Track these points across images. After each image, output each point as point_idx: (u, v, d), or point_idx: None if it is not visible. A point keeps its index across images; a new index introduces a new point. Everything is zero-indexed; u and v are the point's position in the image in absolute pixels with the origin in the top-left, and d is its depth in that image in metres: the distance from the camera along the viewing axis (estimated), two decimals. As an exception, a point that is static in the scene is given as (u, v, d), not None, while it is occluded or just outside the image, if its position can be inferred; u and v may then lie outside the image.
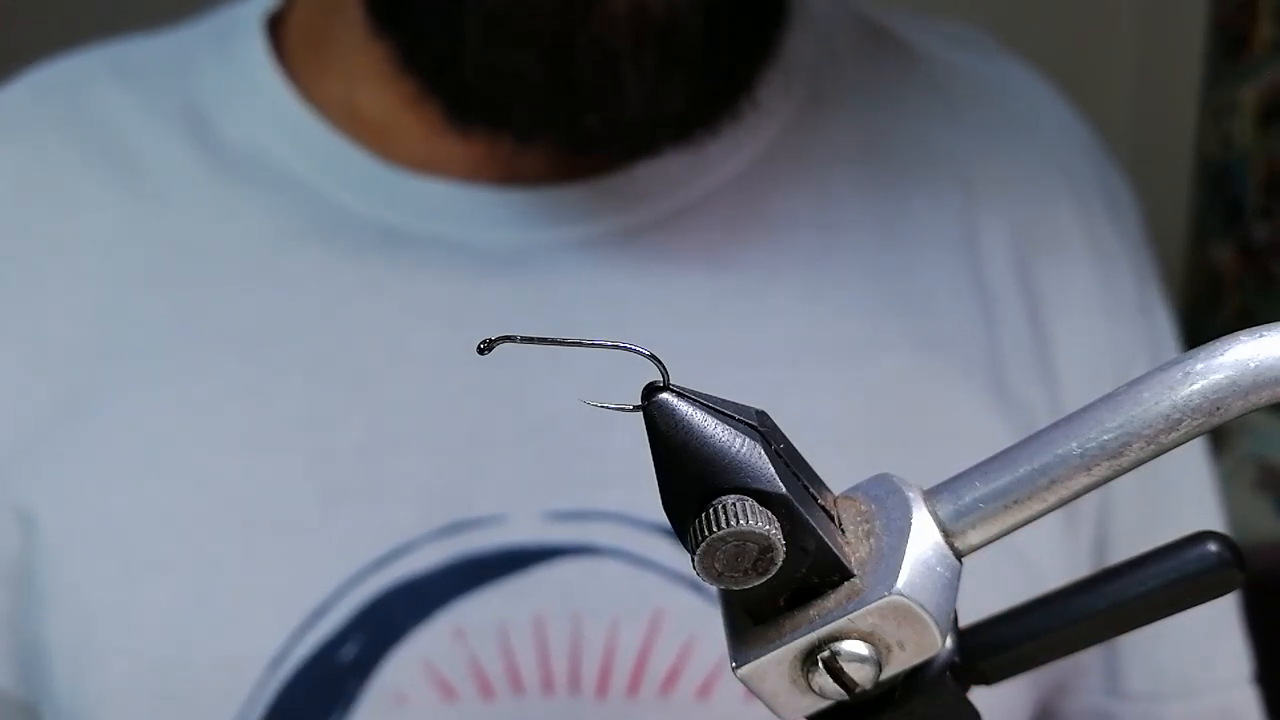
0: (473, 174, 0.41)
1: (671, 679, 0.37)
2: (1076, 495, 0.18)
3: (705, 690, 0.37)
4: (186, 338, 0.40)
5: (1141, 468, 0.18)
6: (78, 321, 0.41)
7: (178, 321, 0.40)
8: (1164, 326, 0.48)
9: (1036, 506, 0.18)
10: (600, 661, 0.37)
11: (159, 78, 0.44)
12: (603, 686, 0.37)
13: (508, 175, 0.41)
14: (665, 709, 0.37)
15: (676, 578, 0.38)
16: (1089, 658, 0.45)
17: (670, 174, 0.42)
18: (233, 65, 0.44)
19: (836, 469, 0.22)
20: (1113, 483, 0.18)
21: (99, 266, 0.41)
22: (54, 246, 0.42)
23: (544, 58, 0.36)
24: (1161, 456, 0.18)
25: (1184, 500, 0.47)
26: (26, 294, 0.41)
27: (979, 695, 0.20)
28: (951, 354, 0.43)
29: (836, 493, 0.20)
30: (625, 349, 0.17)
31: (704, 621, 0.38)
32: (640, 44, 0.36)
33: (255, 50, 0.44)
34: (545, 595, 0.37)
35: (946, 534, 0.18)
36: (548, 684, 0.37)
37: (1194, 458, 0.47)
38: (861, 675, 0.18)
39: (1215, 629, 0.46)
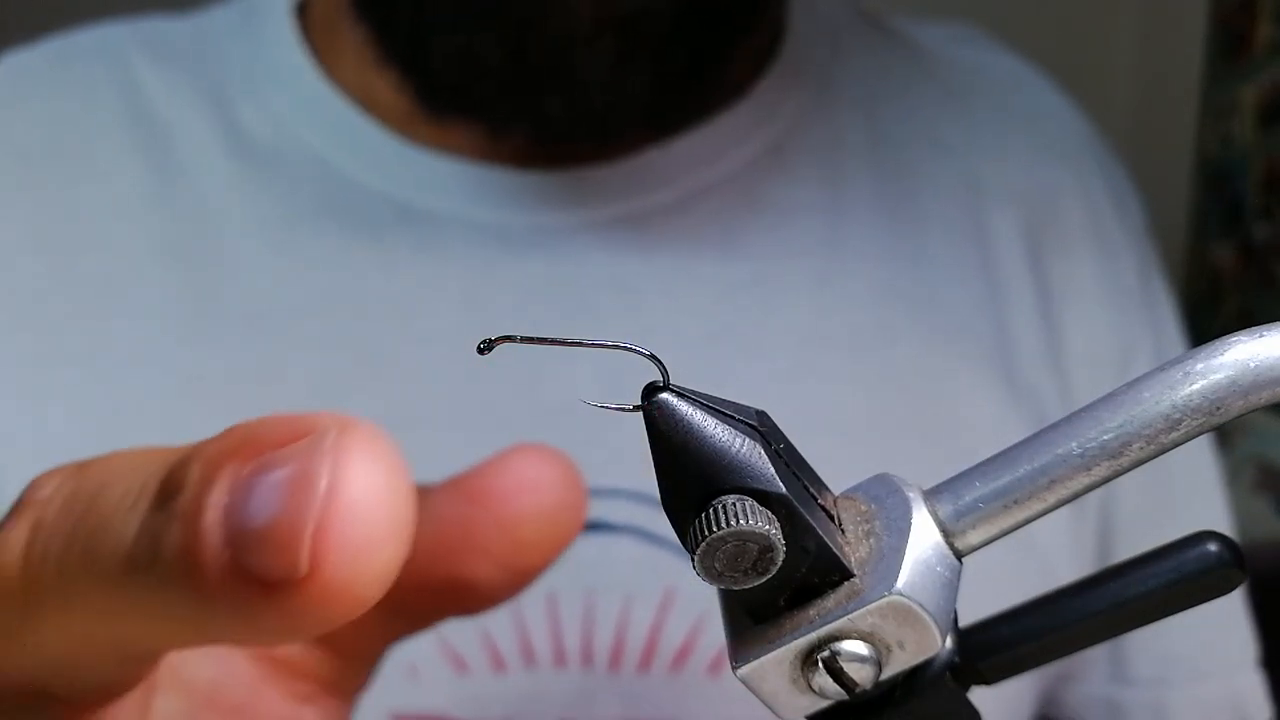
0: (489, 156, 0.42)
1: (683, 656, 0.38)
2: (1077, 495, 0.18)
3: (715, 667, 0.38)
4: (199, 309, 0.40)
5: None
6: (86, 284, 0.41)
7: (191, 293, 0.41)
8: (1168, 317, 0.49)
9: (1037, 506, 0.18)
10: (613, 637, 0.38)
11: (185, 54, 0.45)
12: (615, 661, 0.38)
13: (523, 158, 0.42)
14: (676, 685, 0.37)
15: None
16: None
17: (683, 159, 0.42)
18: (259, 44, 0.44)
19: (845, 458, 0.22)
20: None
21: (117, 233, 0.41)
22: (73, 208, 0.42)
23: (503, 42, 0.37)
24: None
25: (1188, 491, 0.47)
26: (35, 252, 0.41)
27: (980, 690, 0.20)
28: (961, 343, 0.43)
29: (837, 490, 0.20)
30: (625, 349, 0.17)
31: (715, 600, 0.38)
32: (600, 30, 0.36)
33: (282, 30, 0.44)
34: (558, 570, 0.38)
35: (946, 534, 0.18)
36: (559, 658, 0.37)
37: (1198, 449, 0.48)
38: (861, 675, 0.18)
39: (1221, 614, 0.47)
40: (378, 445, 0.14)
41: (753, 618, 0.19)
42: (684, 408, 0.17)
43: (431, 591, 0.24)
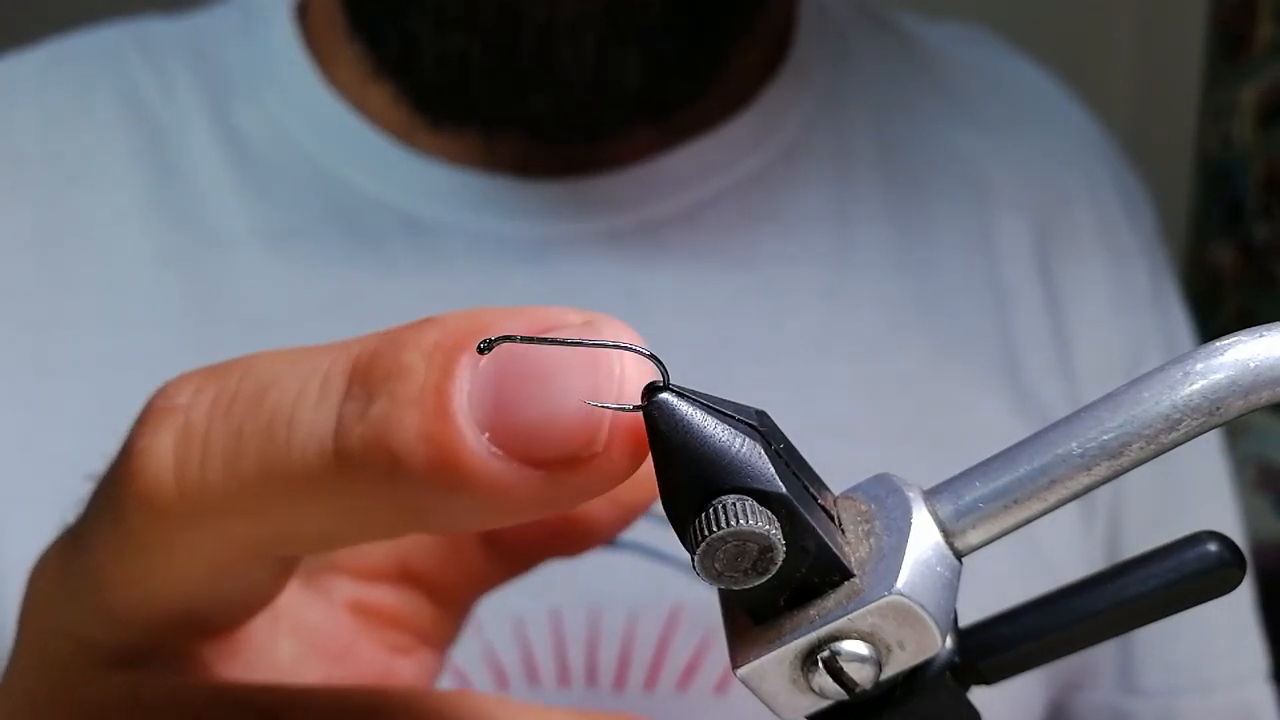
0: (492, 165, 0.42)
1: (689, 673, 0.38)
2: (1077, 495, 0.18)
3: (723, 685, 0.38)
4: (198, 317, 0.40)
5: (1154, 464, 0.18)
6: (83, 291, 0.41)
7: (190, 301, 0.40)
8: (1179, 322, 0.49)
9: (1037, 506, 0.18)
10: (618, 655, 0.37)
11: (183, 57, 0.45)
12: (620, 680, 0.37)
13: (527, 167, 0.42)
14: (683, 703, 0.37)
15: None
16: (1102, 654, 0.45)
17: (690, 169, 0.42)
18: (258, 47, 0.44)
19: (852, 466, 0.22)
20: (1126, 478, 0.18)
21: (115, 240, 0.41)
22: (71, 215, 0.42)
23: (486, 41, 0.37)
24: (1175, 453, 0.18)
25: (1197, 498, 0.47)
26: (33, 258, 0.41)
27: (985, 694, 0.20)
28: (968, 352, 0.43)
29: (838, 492, 0.20)
30: (625, 348, 0.17)
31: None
32: (581, 22, 0.36)
33: (282, 34, 0.44)
34: (563, 588, 0.38)
35: (946, 534, 0.18)
36: (563, 676, 0.37)
37: (1208, 453, 0.47)
38: (861, 675, 0.18)
39: (1231, 624, 0.47)
40: (634, 333, 0.16)
41: (753, 618, 0.19)
42: (684, 407, 0.17)
43: (542, 531, 0.24)
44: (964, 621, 0.20)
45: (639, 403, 0.17)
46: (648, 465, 0.23)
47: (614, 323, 0.16)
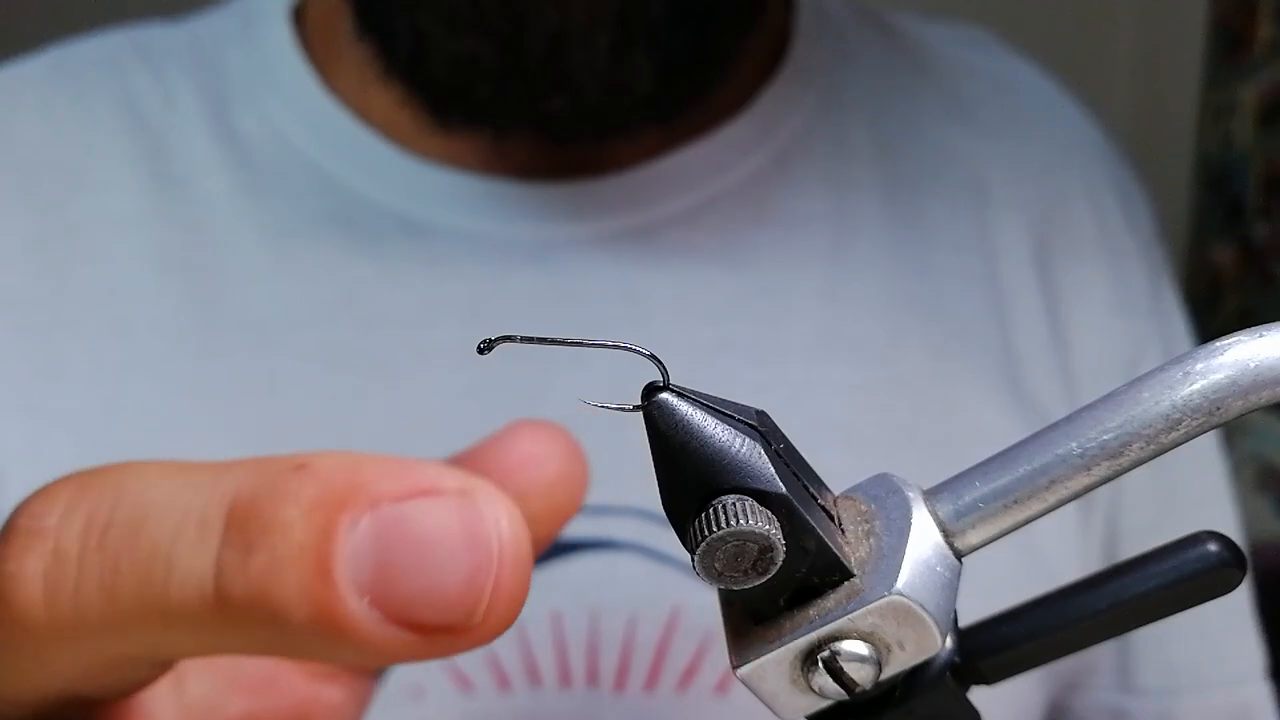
0: (492, 168, 0.42)
1: (689, 674, 0.38)
2: (1076, 495, 0.18)
3: (723, 686, 0.38)
4: (200, 322, 0.40)
5: (1152, 466, 0.18)
6: (85, 297, 0.41)
7: (192, 306, 0.40)
8: (1177, 324, 0.49)
9: (1036, 506, 0.18)
10: (618, 656, 0.37)
11: (183, 62, 0.44)
12: (620, 681, 0.37)
13: (527, 169, 0.42)
14: (683, 704, 0.37)
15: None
16: (1101, 654, 0.45)
17: (689, 171, 0.42)
18: (257, 52, 0.44)
19: (851, 469, 0.22)
20: (1124, 480, 0.18)
21: (116, 246, 0.41)
22: (72, 221, 0.42)
23: (498, 43, 0.37)
24: (1173, 455, 0.18)
25: (1195, 500, 0.47)
26: (34, 265, 0.41)
27: (985, 693, 0.20)
28: (967, 354, 0.43)
29: (838, 492, 0.20)
30: (625, 349, 0.17)
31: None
32: (593, 25, 0.36)
33: (280, 38, 0.44)
34: (563, 590, 0.38)
35: (946, 534, 0.18)
36: (564, 677, 0.37)
37: (1208, 454, 0.47)
38: (861, 675, 0.18)
39: (1229, 624, 0.47)
40: (508, 501, 0.16)
41: (753, 618, 0.19)
42: (684, 408, 0.17)
43: None
44: (964, 621, 0.21)
45: (639, 403, 0.17)
46: (548, 505, 0.24)
47: (488, 489, 0.16)
